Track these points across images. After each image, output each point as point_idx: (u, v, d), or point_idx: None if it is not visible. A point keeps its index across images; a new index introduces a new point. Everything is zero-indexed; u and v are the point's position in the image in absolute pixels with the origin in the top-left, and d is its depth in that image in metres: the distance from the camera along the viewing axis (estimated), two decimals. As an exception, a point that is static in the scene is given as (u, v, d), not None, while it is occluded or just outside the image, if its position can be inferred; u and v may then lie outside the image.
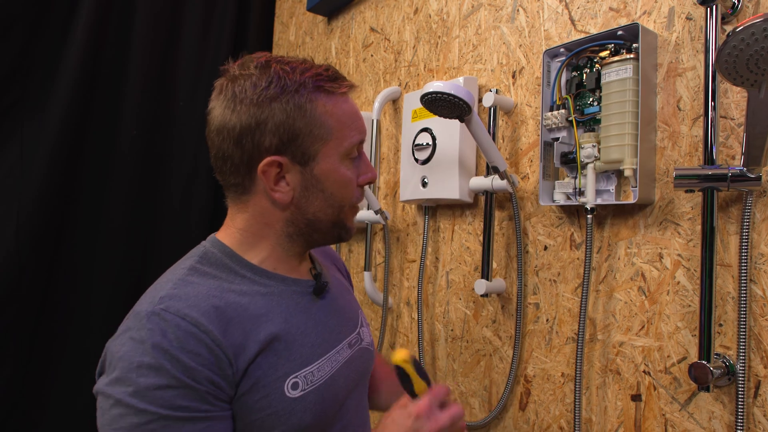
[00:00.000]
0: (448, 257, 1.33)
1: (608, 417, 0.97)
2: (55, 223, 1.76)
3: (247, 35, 2.22)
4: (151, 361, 0.59)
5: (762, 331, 0.78)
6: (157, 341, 0.59)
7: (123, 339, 0.62)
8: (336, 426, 0.74)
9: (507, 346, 1.18)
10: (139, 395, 0.58)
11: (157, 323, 0.61)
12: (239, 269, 0.70)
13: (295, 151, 0.68)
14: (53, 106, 1.74)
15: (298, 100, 0.67)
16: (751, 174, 0.75)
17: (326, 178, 0.70)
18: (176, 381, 0.59)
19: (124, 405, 0.58)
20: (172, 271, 0.70)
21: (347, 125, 0.71)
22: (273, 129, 0.66)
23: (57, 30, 1.77)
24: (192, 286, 0.66)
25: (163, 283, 0.67)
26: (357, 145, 0.73)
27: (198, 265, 0.69)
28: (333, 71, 0.71)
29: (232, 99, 0.67)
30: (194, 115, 2.06)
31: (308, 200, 0.71)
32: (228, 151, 0.69)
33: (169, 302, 0.63)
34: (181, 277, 0.67)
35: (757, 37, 0.60)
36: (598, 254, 1.00)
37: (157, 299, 0.63)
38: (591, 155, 0.96)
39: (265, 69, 0.68)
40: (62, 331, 1.78)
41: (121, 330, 0.64)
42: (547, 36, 1.11)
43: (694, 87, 0.87)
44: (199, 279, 0.67)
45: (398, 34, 1.54)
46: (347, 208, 0.74)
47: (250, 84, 0.67)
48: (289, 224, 0.72)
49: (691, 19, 0.88)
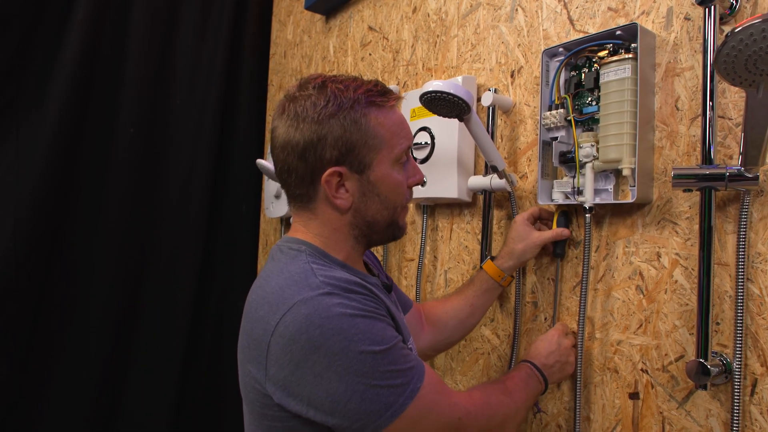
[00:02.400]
0: (446, 256, 1.34)
1: (606, 415, 0.98)
2: (52, 222, 1.75)
3: (245, 33, 2.22)
4: (358, 322, 0.67)
5: (759, 329, 0.78)
6: (343, 309, 0.68)
7: (310, 322, 0.67)
8: None
9: (505, 344, 1.18)
10: (371, 341, 0.67)
11: (332, 297, 0.68)
12: (335, 266, 0.78)
13: (353, 161, 0.76)
14: (50, 105, 1.73)
15: (353, 116, 0.75)
16: (748, 174, 0.76)
17: (381, 183, 0.78)
18: (383, 318, 0.71)
19: (368, 359, 0.67)
20: (293, 267, 0.75)
21: (397, 134, 0.79)
22: (332, 143, 0.74)
23: (53, 29, 1.76)
24: (327, 270, 0.74)
25: (296, 276, 0.73)
26: (406, 151, 0.82)
27: (313, 259, 0.76)
28: (381, 86, 0.79)
29: (294, 118, 0.75)
30: (192, 113, 2.05)
31: (366, 204, 0.79)
32: (293, 164, 0.76)
33: (328, 283, 0.70)
34: (315, 268, 0.73)
35: (756, 38, 0.60)
36: (597, 253, 1.01)
37: (317, 283, 0.70)
38: (589, 155, 0.96)
39: (322, 89, 0.76)
40: (60, 330, 1.78)
41: (290, 320, 0.68)
42: (546, 35, 1.11)
43: (692, 87, 0.88)
44: (325, 268, 0.75)
45: (397, 33, 1.54)
46: (400, 208, 0.83)
47: (310, 104, 0.75)
48: (353, 227, 0.80)
49: (690, 20, 0.88)
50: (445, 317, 1.06)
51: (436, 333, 1.05)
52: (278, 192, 1.89)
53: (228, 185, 2.17)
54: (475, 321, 1.08)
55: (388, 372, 0.68)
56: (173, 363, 1.96)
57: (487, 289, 1.06)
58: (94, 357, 1.82)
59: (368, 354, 0.67)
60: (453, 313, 1.06)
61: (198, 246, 2.04)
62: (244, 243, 2.22)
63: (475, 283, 1.07)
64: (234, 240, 2.19)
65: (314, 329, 0.66)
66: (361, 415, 0.67)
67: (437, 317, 1.06)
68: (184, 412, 2.00)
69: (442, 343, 1.08)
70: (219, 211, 2.14)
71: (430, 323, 1.06)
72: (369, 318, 0.69)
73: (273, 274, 0.76)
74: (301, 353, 0.67)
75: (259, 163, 1.55)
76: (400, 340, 0.72)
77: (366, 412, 0.67)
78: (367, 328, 0.68)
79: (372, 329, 0.68)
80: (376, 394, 0.67)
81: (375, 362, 0.67)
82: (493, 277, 1.05)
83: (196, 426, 2.03)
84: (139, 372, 1.91)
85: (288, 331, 0.67)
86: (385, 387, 0.67)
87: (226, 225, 2.16)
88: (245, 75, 2.22)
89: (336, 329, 0.66)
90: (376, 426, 0.67)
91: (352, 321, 0.67)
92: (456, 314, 1.06)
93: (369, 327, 0.68)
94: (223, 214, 2.15)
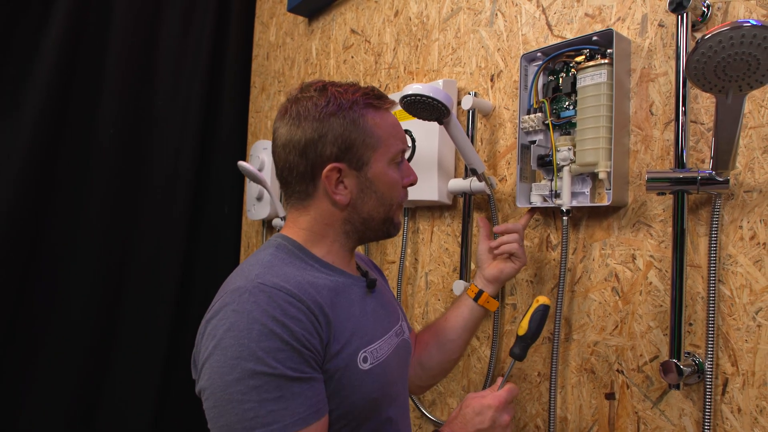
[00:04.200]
0: (427, 258, 1.34)
1: (583, 415, 0.99)
2: (32, 223, 1.73)
3: (228, 35, 2.21)
4: (261, 328, 0.65)
5: (729, 330, 0.80)
6: (263, 309, 0.67)
7: (225, 313, 0.68)
8: (391, 408, 0.82)
9: (485, 346, 1.19)
10: (254, 358, 0.64)
11: (259, 294, 0.68)
12: (308, 260, 0.79)
13: (352, 158, 0.79)
14: (27, 105, 1.71)
15: (352, 115, 0.79)
16: (719, 177, 0.77)
17: (378, 180, 0.81)
18: (286, 344, 0.66)
19: (239, 369, 0.64)
20: (254, 258, 0.78)
21: (393, 135, 0.83)
22: (332, 140, 0.78)
23: (33, 25, 1.74)
24: (278, 267, 0.74)
25: (249, 267, 0.75)
26: (401, 152, 0.84)
27: (277, 253, 0.78)
28: (378, 91, 0.84)
29: (296, 117, 0.79)
30: (174, 115, 2.04)
31: (363, 201, 0.81)
32: (294, 162, 0.79)
33: (264, 278, 0.70)
34: (267, 261, 0.75)
35: (724, 45, 0.61)
36: (574, 255, 1.02)
37: (252, 276, 0.71)
38: (567, 158, 0.97)
39: (323, 91, 0.80)
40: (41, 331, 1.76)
41: (218, 308, 0.70)
42: (525, 40, 1.12)
43: (666, 92, 0.90)
44: (281, 263, 0.76)
45: (379, 36, 1.54)
46: (395, 206, 0.85)
47: (312, 104, 0.79)
48: (347, 223, 0.82)
49: (663, 26, 0.90)
50: (426, 336, 1.04)
51: (419, 350, 1.03)
52: (260, 194, 1.89)
53: (210, 187, 2.16)
54: (455, 336, 1.01)
55: (255, 398, 0.64)
56: (155, 364, 1.94)
57: (461, 304, 1.03)
58: (73, 357, 1.79)
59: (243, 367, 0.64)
60: (432, 331, 1.04)
61: (180, 247, 2.02)
62: (226, 244, 2.21)
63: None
64: (216, 241, 2.18)
65: (223, 320, 0.67)
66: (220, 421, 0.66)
67: (420, 337, 1.06)
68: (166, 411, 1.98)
69: (427, 362, 1.03)
70: (201, 212, 2.13)
71: (418, 344, 1.05)
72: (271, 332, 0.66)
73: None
74: (208, 339, 0.68)
75: (240, 165, 1.54)
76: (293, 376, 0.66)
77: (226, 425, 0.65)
78: (259, 338, 0.65)
79: (264, 343, 0.65)
80: (237, 409, 0.64)
81: (245, 377, 0.64)
82: (468, 294, 1.02)
83: (178, 424, 2.01)
84: (120, 372, 1.89)
85: (209, 315, 0.71)
86: (248, 409, 0.64)
87: (208, 227, 2.15)
88: (228, 76, 2.21)
89: (234, 326, 0.66)
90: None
91: (251, 325, 0.65)
92: (432, 329, 1.04)
93: (262, 338, 0.65)
94: (205, 215, 2.14)
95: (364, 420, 0.76)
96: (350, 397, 0.73)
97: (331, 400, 0.71)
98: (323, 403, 0.69)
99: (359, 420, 0.76)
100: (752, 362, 0.78)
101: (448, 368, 1.04)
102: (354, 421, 0.75)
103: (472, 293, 1.01)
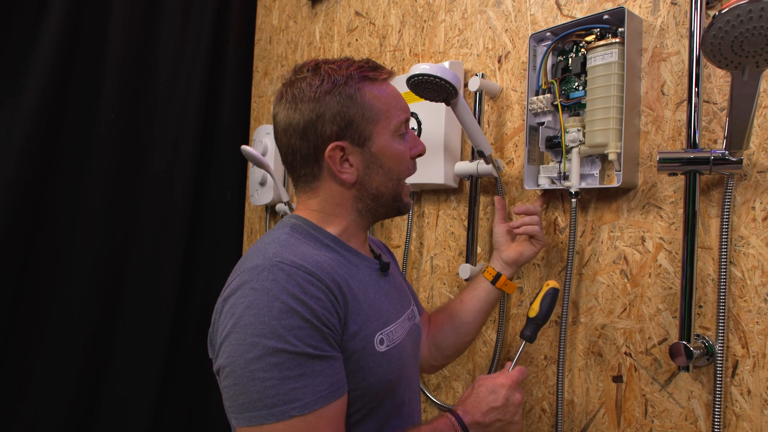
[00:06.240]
0: (432, 242, 1.33)
1: (590, 398, 0.98)
2: (31, 209, 1.71)
3: (229, 18, 2.18)
4: (281, 305, 0.65)
5: (740, 312, 0.79)
6: (283, 287, 0.66)
7: (244, 291, 0.67)
8: (406, 391, 0.82)
9: (491, 329, 1.18)
10: (275, 336, 0.63)
11: (278, 272, 0.67)
12: (323, 239, 0.79)
13: (353, 134, 0.77)
14: (28, 91, 1.69)
15: (348, 91, 0.77)
16: (732, 157, 0.76)
17: (383, 154, 0.80)
18: (306, 322, 0.65)
19: (260, 347, 0.63)
20: (269, 237, 0.77)
21: (393, 106, 0.81)
22: (331, 118, 0.76)
23: (31, 11, 1.72)
24: (295, 246, 0.73)
25: (265, 245, 0.74)
26: (404, 123, 0.83)
27: (292, 232, 0.77)
28: (373, 63, 0.81)
29: (293, 100, 0.78)
30: (175, 100, 2.02)
31: (370, 177, 0.80)
32: (296, 145, 0.78)
33: (282, 256, 0.69)
34: (284, 240, 0.74)
35: (743, 19, 0.60)
36: (582, 238, 1.01)
37: (270, 254, 0.70)
38: (576, 139, 0.96)
39: (316, 70, 0.78)
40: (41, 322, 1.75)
41: (236, 286, 0.68)
42: (533, 20, 1.11)
43: (678, 72, 0.88)
44: (297, 242, 0.75)
45: (383, 18, 1.52)
46: (403, 181, 0.84)
47: (306, 84, 0.77)
48: (358, 201, 0.81)
49: (676, 4, 0.88)
50: (441, 317, 1.04)
51: (434, 331, 1.03)
52: (263, 179, 1.87)
53: (212, 172, 2.15)
54: (471, 318, 1.01)
55: (276, 376, 0.64)
56: (157, 352, 1.94)
57: (477, 286, 1.02)
58: (74, 348, 1.79)
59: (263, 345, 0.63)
60: (446, 312, 1.04)
61: (182, 233, 2.01)
62: (228, 230, 2.20)
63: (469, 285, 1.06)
64: (218, 227, 2.17)
65: (242, 298, 0.66)
66: (237, 399, 0.65)
67: (434, 317, 1.05)
68: (168, 402, 1.98)
69: (441, 342, 1.02)
70: (204, 198, 2.12)
71: (432, 324, 1.05)
72: (292, 309, 0.65)
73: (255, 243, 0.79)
74: (226, 317, 0.67)
75: (244, 149, 1.53)
76: (314, 354, 0.65)
77: (244, 403, 0.64)
78: (279, 315, 0.64)
79: (284, 321, 0.64)
80: (258, 386, 0.63)
81: (266, 354, 0.63)
82: (485, 276, 1.02)
83: (180, 416, 2.02)
84: (122, 362, 1.89)
85: (226, 293, 0.70)
86: (270, 386, 0.63)
87: (211, 212, 2.14)
88: (230, 61, 2.19)
89: (254, 303, 0.65)
90: (242, 419, 0.64)
91: (271, 303, 0.65)
92: (447, 311, 1.04)
93: (282, 316, 0.64)
94: (207, 201, 2.13)
95: (381, 402, 0.76)
96: (367, 378, 0.73)
97: (349, 381, 0.71)
98: (343, 382, 0.69)
99: (375, 402, 0.75)
100: (763, 344, 0.77)
101: (462, 349, 1.04)
102: (371, 402, 0.74)
103: (490, 276, 1.00)
